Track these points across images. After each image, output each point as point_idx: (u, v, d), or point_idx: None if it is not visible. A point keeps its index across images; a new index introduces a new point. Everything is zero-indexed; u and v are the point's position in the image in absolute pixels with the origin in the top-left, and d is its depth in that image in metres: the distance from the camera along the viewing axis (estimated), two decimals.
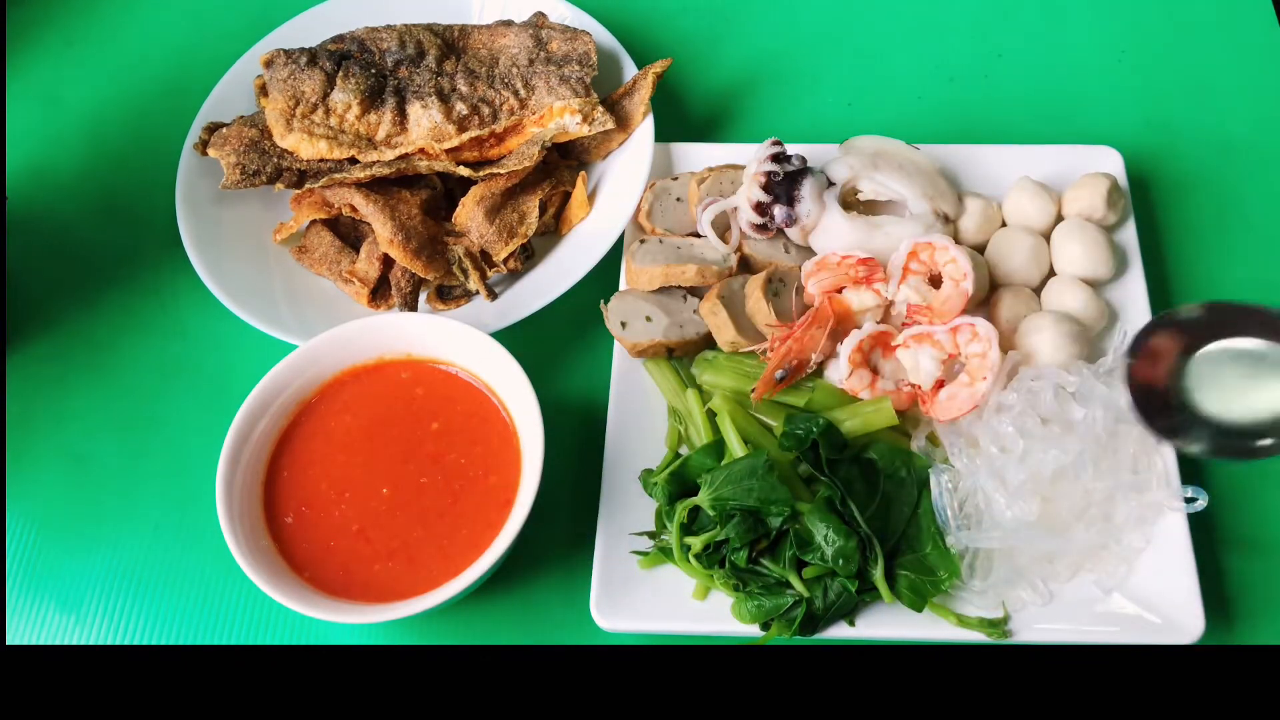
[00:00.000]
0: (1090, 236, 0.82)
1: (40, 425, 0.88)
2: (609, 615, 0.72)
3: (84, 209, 1.00)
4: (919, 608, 0.71)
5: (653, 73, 0.92)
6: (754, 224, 0.84)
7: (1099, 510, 0.72)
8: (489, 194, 0.88)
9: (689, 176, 0.90)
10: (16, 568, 0.82)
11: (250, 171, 0.87)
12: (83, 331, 0.92)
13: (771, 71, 1.03)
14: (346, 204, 0.87)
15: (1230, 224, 0.90)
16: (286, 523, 0.74)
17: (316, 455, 0.76)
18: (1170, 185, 0.92)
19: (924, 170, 0.86)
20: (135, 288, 0.94)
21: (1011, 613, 0.71)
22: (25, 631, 0.79)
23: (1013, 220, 0.86)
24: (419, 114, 0.89)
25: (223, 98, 0.97)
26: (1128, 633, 0.69)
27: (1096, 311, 0.80)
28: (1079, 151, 0.89)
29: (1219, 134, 0.95)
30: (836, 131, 0.94)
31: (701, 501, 0.73)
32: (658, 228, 0.88)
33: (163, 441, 0.87)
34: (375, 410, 0.78)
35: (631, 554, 0.75)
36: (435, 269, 0.86)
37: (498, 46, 0.96)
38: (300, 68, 0.89)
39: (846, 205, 0.85)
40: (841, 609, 0.71)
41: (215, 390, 0.88)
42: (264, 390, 0.76)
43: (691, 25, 1.07)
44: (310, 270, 0.90)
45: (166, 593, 0.80)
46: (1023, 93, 0.99)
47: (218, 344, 0.91)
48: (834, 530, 0.71)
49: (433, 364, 0.79)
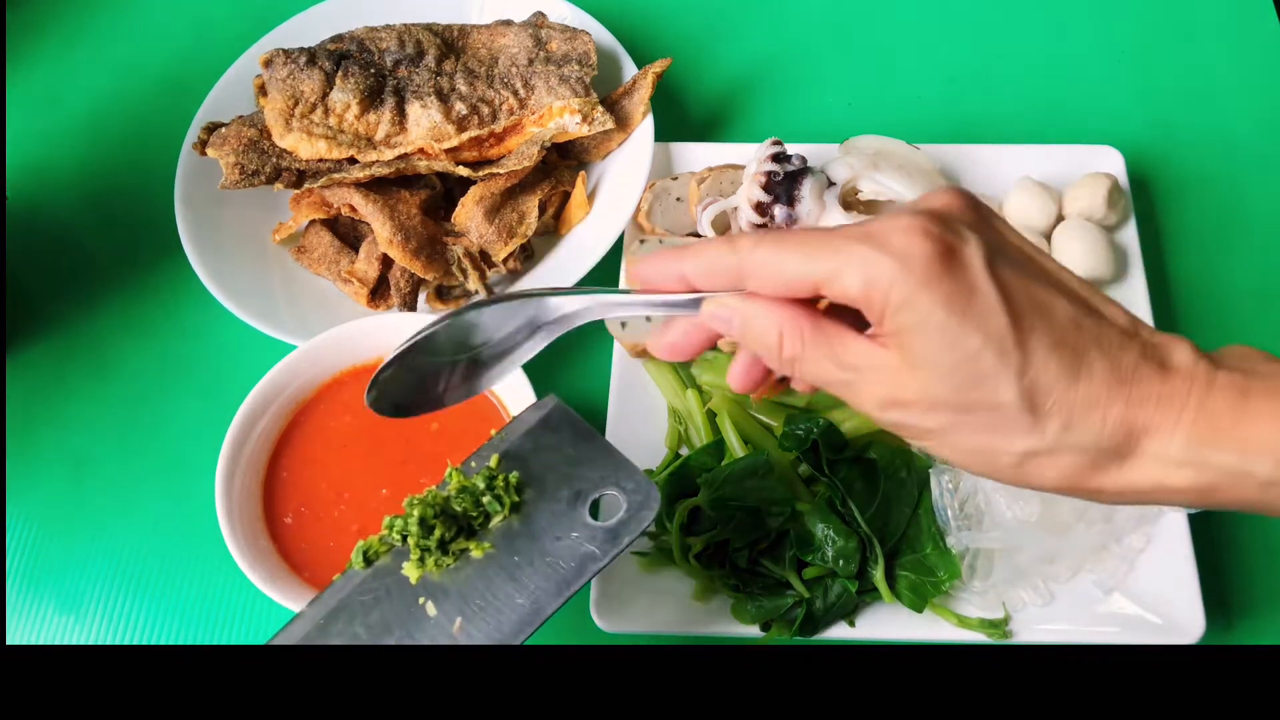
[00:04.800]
0: (1091, 236, 0.82)
1: (40, 425, 0.88)
2: (609, 616, 0.72)
3: (83, 209, 1.00)
4: (919, 608, 0.71)
5: (652, 72, 0.92)
6: (754, 224, 0.84)
7: (1099, 510, 0.72)
8: (488, 194, 0.88)
9: (689, 176, 0.90)
10: (16, 568, 0.82)
11: (249, 171, 0.87)
12: (82, 331, 0.92)
13: (771, 71, 1.03)
14: (346, 204, 0.87)
15: (1232, 224, 0.90)
16: (286, 523, 0.74)
17: (316, 455, 0.76)
18: (1171, 185, 0.92)
19: (925, 170, 0.86)
20: (134, 287, 0.94)
21: (1012, 613, 0.71)
22: (25, 631, 0.79)
23: (1013, 220, 0.86)
24: (418, 114, 0.89)
25: (222, 97, 0.97)
26: (1128, 633, 0.69)
27: None
28: (1080, 151, 0.89)
29: (1220, 134, 0.95)
30: (837, 131, 0.94)
31: (701, 502, 0.73)
32: (657, 228, 0.88)
33: (162, 441, 0.87)
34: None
35: (632, 554, 0.74)
36: (434, 269, 0.86)
37: (497, 46, 0.95)
38: (299, 67, 0.89)
39: (847, 205, 0.85)
40: (841, 609, 0.71)
41: (214, 390, 0.88)
42: (263, 390, 0.76)
43: (691, 25, 1.07)
44: (309, 270, 0.90)
45: (166, 592, 0.80)
46: (1023, 92, 0.99)
47: (217, 344, 0.90)
48: (834, 530, 0.71)
49: None
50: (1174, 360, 0.44)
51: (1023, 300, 0.43)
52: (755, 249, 0.46)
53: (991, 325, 0.42)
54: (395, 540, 0.63)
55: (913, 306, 0.42)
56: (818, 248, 0.44)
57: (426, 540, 0.62)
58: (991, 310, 0.42)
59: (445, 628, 0.61)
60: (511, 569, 0.62)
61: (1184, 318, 0.85)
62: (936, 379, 0.43)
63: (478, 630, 0.60)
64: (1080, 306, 0.44)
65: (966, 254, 0.43)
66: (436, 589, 0.62)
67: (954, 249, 0.43)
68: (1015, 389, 0.42)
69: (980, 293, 0.42)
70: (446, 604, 0.61)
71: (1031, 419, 0.43)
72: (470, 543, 0.63)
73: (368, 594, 0.63)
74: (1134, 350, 0.44)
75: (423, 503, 0.62)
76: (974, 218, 0.45)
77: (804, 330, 0.46)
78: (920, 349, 0.43)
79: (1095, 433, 0.43)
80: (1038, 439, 0.43)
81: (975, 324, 0.42)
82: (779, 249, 0.45)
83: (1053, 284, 0.45)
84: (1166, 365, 0.44)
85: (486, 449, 0.67)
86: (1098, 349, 0.43)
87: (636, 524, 0.61)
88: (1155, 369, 0.43)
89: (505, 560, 0.62)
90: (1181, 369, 0.43)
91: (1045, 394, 0.42)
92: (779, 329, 0.46)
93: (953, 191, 0.46)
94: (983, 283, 0.42)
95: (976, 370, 0.42)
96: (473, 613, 0.61)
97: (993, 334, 0.42)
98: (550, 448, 0.66)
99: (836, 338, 0.46)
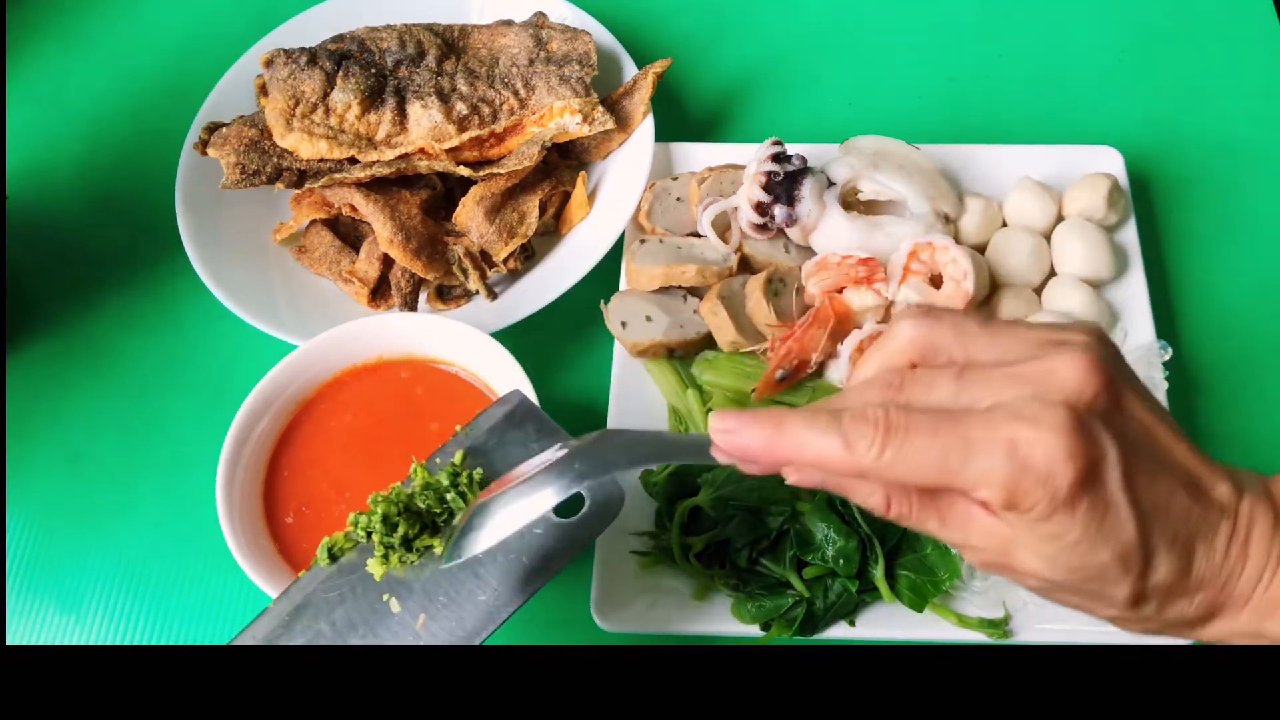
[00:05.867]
0: (1091, 237, 0.82)
1: (40, 425, 0.88)
2: (609, 616, 0.72)
3: (84, 209, 1.00)
4: (919, 608, 0.71)
5: (653, 73, 0.92)
6: (754, 224, 0.84)
7: None
8: (489, 194, 0.88)
9: (689, 176, 0.90)
10: (16, 568, 0.82)
11: (250, 171, 0.87)
12: (82, 331, 0.92)
13: (772, 71, 1.03)
14: (346, 204, 0.87)
15: (1232, 224, 0.90)
16: (286, 522, 0.74)
17: (316, 455, 0.76)
18: (1171, 185, 0.92)
19: (925, 170, 0.86)
20: (135, 287, 0.94)
21: (1012, 612, 0.71)
22: (25, 631, 0.79)
23: (1013, 220, 0.86)
24: (419, 114, 0.89)
25: (223, 97, 0.97)
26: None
27: (1097, 312, 0.80)
28: (1080, 151, 0.89)
29: (1220, 134, 0.95)
30: (837, 131, 0.94)
31: (702, 502, 0.73)
32: (658, 228, 0.88)
33: (162, 441, 0.87)
34: (375, 410, 0.78)
35: (631, 554, 0.75)
36: (435, 269, 0.86)
37: (498, 46, 0.95)
38: (300, 67, 0.89)
39: (847, 205, 0.85)
40: (842, 609, 0.71)
41: (215, 390, 0.88)
42: (264, 390, 0.76)
43: (691, 25, 1.07)
44: (310, 270, 0.90)
45: (166, 592, 0.80)
46: (1023, 92, 0.99)
47: (217, 344, 0.91)
48: (834, 530, 0.71)
49: (433, 364, 0.79)
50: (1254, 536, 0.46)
51: (1149, 505, 0.44)
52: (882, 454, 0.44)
53: (1122, 539, 0.44)
54: (360, 537, 0.63)
55: (1050, 521, 0.44)
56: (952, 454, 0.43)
57: (390, 537, 0.62)
58: (1123, 525, 0.44)
59: (409, 624, 0.61)
60: (474, 566, 0.62)
61: (1184, 318, 0.85)
62: (1058, 571, 0.45)
63: (440, 628, 0.61)
64: (1191, 491, 0.46)
65: (1106, 471, 0.43)
66: (400, 586, 0.62)
67: (1097, 468, 0.43)
68: (1130, 589, 0.45)
69: (1115, 508, 0.44)
70: (410, 601, 0.62)
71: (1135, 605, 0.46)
72: (434, 539, 0.63)
73: (333, 591, 0.63)
74: (1227, 531, 0.46)
75: (386, 500, 0.62)
76: (1107, 403, 0.44)
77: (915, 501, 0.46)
78: (1049, 551, 0.45)
79: (1182, 612, 0.47)
80: (1133, 613, 0.47)
81: (1107, 540, 0.44)
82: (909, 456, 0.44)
83: (1171, 467, 0.46)
84: (1249, 541, 0.46)
85: (451, 445, 0.67)
86: (1203, 543, 0.46)
87: (599, 521, 0.62)
88: (1240, 547, 0.46)
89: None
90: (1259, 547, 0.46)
91: (1153, 591, 0.46)
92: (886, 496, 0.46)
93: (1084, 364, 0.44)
94: (1118, 498, 0.44)
95: (1100, 574, 0.45)
96: (436, 610, 0.61)
97: (1121, 547, 0.44)
98: (515, 443, 0.66)
99: (954, 508, 0.46)
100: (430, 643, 0.61)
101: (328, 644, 0.61)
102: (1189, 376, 0.82)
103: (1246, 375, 0.83)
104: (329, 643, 0.61)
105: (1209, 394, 0.82)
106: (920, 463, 0.44)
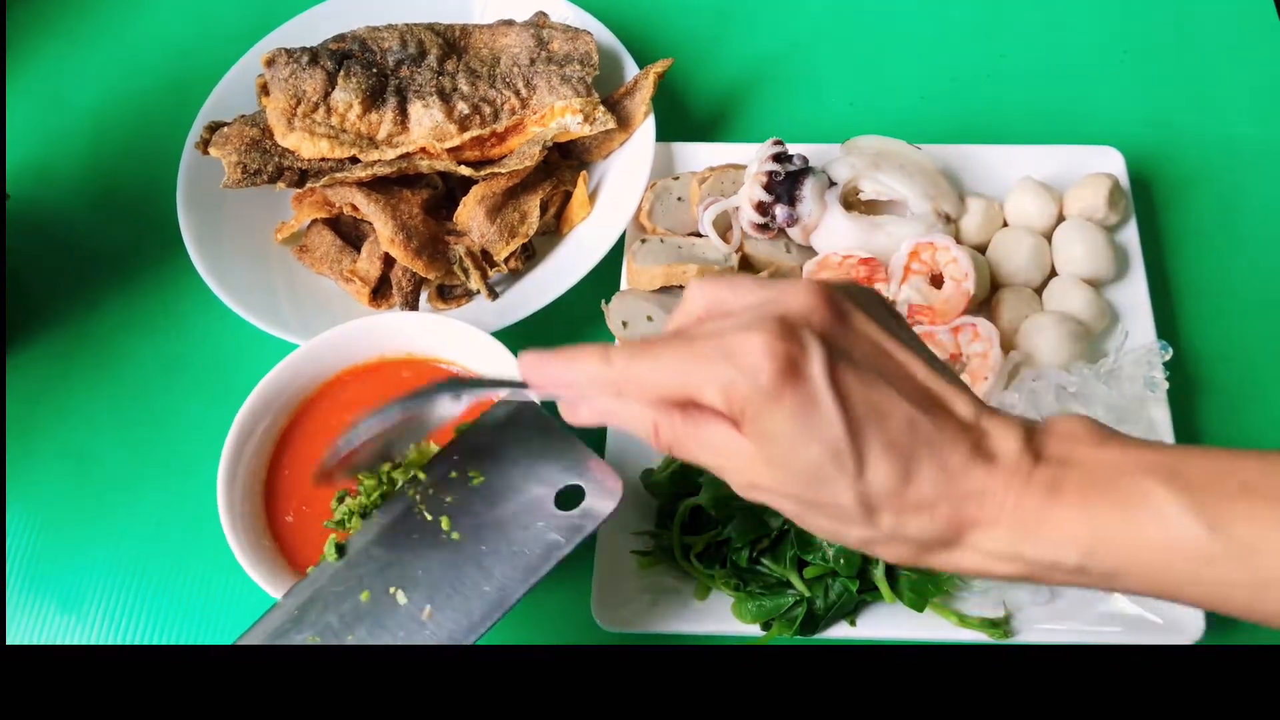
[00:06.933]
0: (1092, 237, 0.82)
1: (41, 424, 0.88)
2: (609, 616, 0.72)
3: (85, 208, 1.00)
4: (920, 608, 0.71)
5: (654, 72, 0.92)
6: (755, 224, 0.84)
7: None
8: (490, 193, 0.88)
9: (690, 176, 0.90)
10: (16, 567, 0.82)
11: (251, 170, 0.87)
12: (84, 330, 0.92)
13: (773, 71, 1.03)
14: (348, 203, 0.87)
15: (1232, 223, 0.90)
16: (287, 521, 0.74)
17: (318, 454, 0.76)
18: (1172, 185, 0.92)
19: (926, 170, 0.86)
20: (136, 286, 0.94)
21: (1012, 612, 0.71)
22: (25, 631, 0.79)
23: (1014, 220, 0.86)
24: (420, 113, 0.89)
25: (224, 97, 0.97)
26: (1128, 633, 0.70)
27: (1098, 312, 0.80)
28: (1081, 151, 0.89)
29: (1221, 134, 0.95)
30: (838, 131, 0.94)
31: (702, 501, 0.73)
32: (659, 227, 0.88)
33: (163, 440, 0.87)
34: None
35: (632, 554, 0.75)
36: (436, 268, 0.86)
37: (499, 46, 0.95)
38: (302, 67, 0.90)
39: (848, 205, 0.85)
40: (842, 609, 0.71)
41: (216, 389, 0.88)
42: (265, 389, 0.76)
43: (692, 25, 1.07)
44: (311, 269, 0.90)
45: (167, 591, 0.80)
46: (1024, 93, 0.99)
47: (218, 343, 0.91)
48: None
49: (433, 363, 0.79)
50: (999, 453, 0.47)
51: (860, 407, 0.46)
52: (629, 366, 0.49)
53: (829, 435, 0.46)
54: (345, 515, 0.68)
55: (763, 418, 0.46)
56: (683, 362, 0.48)
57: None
58: (829, 421, 0.46)
59: (415, 615, 0.63)
60: (479, 558, 0.64)
61: (1184, 318, 0.85)
62: (787, 477, 0.48)
63: (446, 618, 0.63)
64: (921, 404, 0.47)
65: (808, 366, 0.46)
66: (406, 578, 0.64)
67: (796, 363, 0.46)
68: (851, 493, 0.47)
69: (819, 404, 0.46)
70: (416, 593, 0.64)
71: (867, 517, 0.47)
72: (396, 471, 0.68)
73: (340, 585, 0.65)
74: (964, 447, 0.47)
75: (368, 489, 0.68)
76: (826, 317, 0.48)
77: (676, 422, 0.49)
78: (771, 452, 0.47)
79: (923, 528, 0.47)
80: (873, 531, 0.48)
81: (814, 434, 0.46)
82: (650, 365, 0.48)
83: (897, 380, 0.48)
84: (993, 459, 0.47)
85: (453, 445, 0.68)
86: (928, 450, 0.47)
87: (600, 512, 0.64)
88: (982, 464, 0.47)
89: (473, 549, 0.64)
90: (1005, 464, 0.47)
91: (877, 497, 0.47)
92: (653, 421, 0.50)
93: (810, 289, 0.48)
94: (822, 394, 0.46)
95: (818, 475, 0.47)
96: (442, 600, 0.63)
97: (829, 443, 0.46)
98: (517, 441, 0.68)
99: (705, 426, 0.49)
100: (437, 632, 0.62)
101: (335, 637, 0.63)
102: (1189, 376, 0.82)
103: (1247, 375, 0.83)
104: (337, 634, 0.63)
105: (1209, 394, 0.82)
106: (662, 369, 0.48)
